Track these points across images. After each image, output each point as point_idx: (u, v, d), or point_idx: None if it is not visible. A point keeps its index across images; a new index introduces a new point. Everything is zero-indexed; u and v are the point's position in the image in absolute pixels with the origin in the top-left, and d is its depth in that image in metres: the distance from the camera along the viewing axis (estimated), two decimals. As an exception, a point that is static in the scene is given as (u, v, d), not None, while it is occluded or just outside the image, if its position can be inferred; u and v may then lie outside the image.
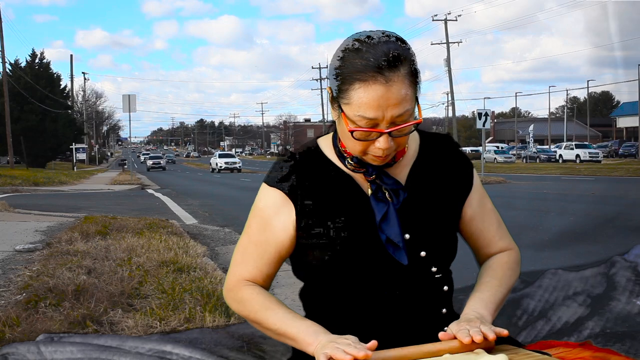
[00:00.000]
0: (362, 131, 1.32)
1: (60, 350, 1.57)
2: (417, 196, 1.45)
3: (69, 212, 10.39)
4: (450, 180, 1.50)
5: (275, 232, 1.44)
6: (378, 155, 1.36)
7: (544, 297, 2.19)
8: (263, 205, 1.46)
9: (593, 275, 2.25)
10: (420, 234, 1.42)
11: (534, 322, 2.06)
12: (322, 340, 1.28)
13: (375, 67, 1.28)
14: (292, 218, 1.43)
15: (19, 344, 1.62)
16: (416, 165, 1.49)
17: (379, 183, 1.43)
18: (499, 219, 1.58)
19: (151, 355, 1.62)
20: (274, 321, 1.38)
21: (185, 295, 3.44)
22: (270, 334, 1.42)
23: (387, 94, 1.28)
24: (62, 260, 4.58)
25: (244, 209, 11.67)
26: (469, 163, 1.55)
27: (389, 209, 1.41)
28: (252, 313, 1.43)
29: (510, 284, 1.51)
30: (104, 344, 1.65)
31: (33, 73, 44.97)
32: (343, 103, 1.34)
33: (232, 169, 44.88)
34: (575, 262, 2.46)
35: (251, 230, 1.48)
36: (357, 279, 1.40)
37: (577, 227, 7.82)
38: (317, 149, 1.50)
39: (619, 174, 25.46)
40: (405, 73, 1.30)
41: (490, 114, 24.43)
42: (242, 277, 1.47)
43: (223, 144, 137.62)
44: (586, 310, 2.06)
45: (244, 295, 1.45)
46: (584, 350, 1.37)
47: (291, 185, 1.43)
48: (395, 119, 1.31)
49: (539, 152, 53.05)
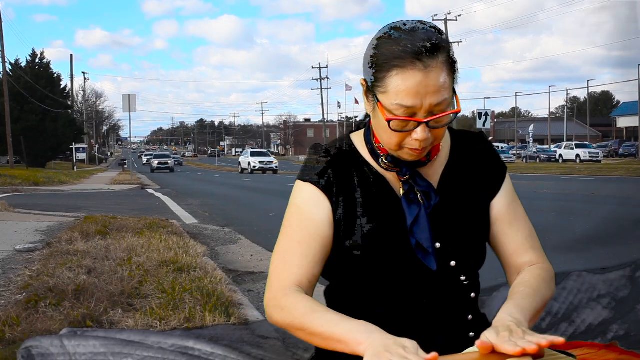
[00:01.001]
0: (400, 120, 1.27)
1: (84, 344, 1.57)
2: (449, 201, 1.41)
3: (69, 212, 10.40)
4: (481, 183, 1.45)
5: (318, 225, 1.38)
6: (415, 148, 1.31)
7: (568, 299, 2.18)
8: (300, 200, 1.41)
9: (618, 278, 2.23)
10: (451, 243, 1.38)
11: (558, 324, 2.05)
12: (375, 340, 1.15)
13: (413, 53, 1.24)
14: (330, 212, 1.39)
15: (42, 337, 1.62)
16: (448, 168, 1.44)
17: (411, 184, 1.39)
18: (531, 229, 1.48)
19: (173, 350, 1.62)
20: (321, 323, 1.26)
21: (185, 295, 3.44)
22: (316, 340, 1.29)
23: (426, 81, 1.24)
24: (62, 260, 4.58)
25: (244, 208, 11.76)
26: (502, 165, 1.49)
27: (420, 212, 1.37)
28: (297, 319, 1.30)
29: (547, 297, 1.39)
30: (126, 339, 1.65)
31: (33, 73, 44.99)
32: (379, 92, 1.29)
33: (266, 170, 38.87)
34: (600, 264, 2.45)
35: (291, 230, 1.40)
36: (383, 281, 1.38)
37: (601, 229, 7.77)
38: (351, 146, 1.45)
39: (619, 174, 25.47)
40: (443, 60, 1.26)
41: (490, 113, 24.45)
42: (286, 282, 1.36)
43: (223, 143, 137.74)
44: (610, 313, 2.04)
45: (288, 301, 1.33)
46: (610, 353, 1.35)
47: (326, 180, 1.40)
48: (434, 107, 1.26)
49: (539, 152, 53.09)
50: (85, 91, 75.07)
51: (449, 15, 49.55)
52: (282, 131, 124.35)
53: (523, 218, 1.48)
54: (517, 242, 1.44)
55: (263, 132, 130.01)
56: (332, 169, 1.41)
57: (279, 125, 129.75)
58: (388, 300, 1.37)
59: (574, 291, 2.22)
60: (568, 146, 49.45)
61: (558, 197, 13.97)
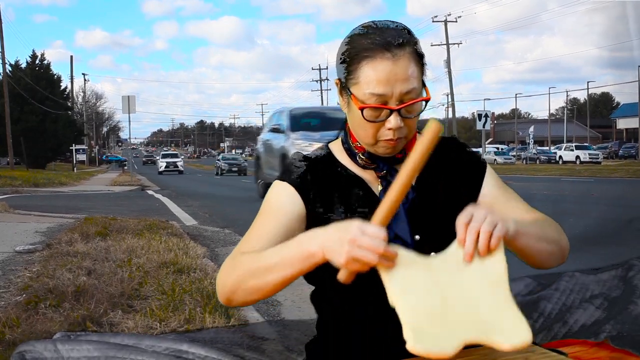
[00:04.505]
0: (372, 107, 1.33)
1: (77, 348, 1.58)
2: (426, 196, 1.44)
3: (69, 213, 10.39)
4: (459, 178, 1.48)
5: (286, 214, 1.40)
6: (389, 139, 1.36)
7: (560, 300, 2.19)
8: (273, 195, 1.45)
9: (610, 278, 2.25)
10: (430, 235, 1.41)
11: (551, 325, 2.06)
12: (325, 241, 1.18)
13: (382, 44, 1.32)
14: (302, 209, 1.42)
15: (36, 341, 1.63)
16: (424, 166, 1.48)
17: (389, 180, 1.43)
18: (530, 207, 1.51)
19: (167, 354, 1.63)
20: (269, 257, 1.26)
21: (185, 296, 3.44)
22: (273, 278, 1.26)
23: (395, 69, 1.31)
24: (62, 261, 4.58)
25: (244, 210, 11.74)
26: (479, 161, 1.53)
27: None
28: (247, 269, 1.29)
29: (550, 234, 1.39)
30: (120, 343, 1.66)
31: (33, 74, 45.01)
32: (352, 84, 1.36)
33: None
34: (593, 265, 2.46)
35: (259, 217, 1.43)
36: (364, 277, 1.39)
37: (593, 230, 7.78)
38: (329, 153, 1.52)
39: (619, 175, 25.46)
40: (411, 52, 1.34)
41: (490, 115, 24.46)
42: (239, 251, 1.37)
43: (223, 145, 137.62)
44: (603, 313, 2.05)
45: (238, 260, 1.33)
46: (601, 350, 1.36)
47: (302, 182, 1.44)
48: (404, 96, 1.33)
49: (539, 153, 53.09)
50: (85, 92, 75.15)
51: (449, 16, 49.55)
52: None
53: (518, 198, 1.51)
54: (518, 213, 1.46)
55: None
56: (309, 172, 1.46)
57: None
58: (370, 295, 1.38)
59: (566, 292, 2.23)
60: (568, 147, 49.48)
61: (557, 198, 13.97)
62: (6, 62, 38.59)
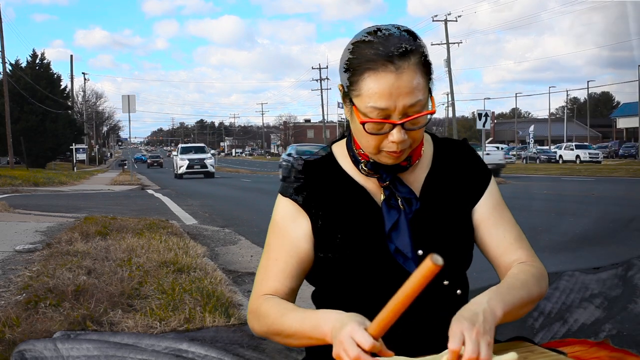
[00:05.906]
0: (374, 122, 1.29)
1: (77, 347, 1.58)
2: (431, 208, 1.41)
3: (69, 212, 10.40)
4: (464, 189, 1.45)
5: (295, 242, 1.42)
6: (392, 151, 1.32)
7: (560, 299, 2.19)
8: (279, 217, 1.45)
9: (610, 278, 2.24)
10: (434, 248, 1.36)
11: (551, 324, 2.06)
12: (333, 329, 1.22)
13: (385, 56, 1.26)
14: (308, 227, 1.42)
15: (36, 340, 1.63)
16: (431, 174, 1.45)
17: (392, 190, 1.40)
18: (519, 232, 1.46)
19: (167, 353, 1.63)
20: (290, 324, 1.31)
21: (185, 295, 3.44)
22: (294, 342, 1.34)
23: (398, 83, 1.26)
24: (62, 260, 4.58)
25: (244, 209, 11.75)
26: (485, 171, 1.49)
27: (400, 217, 1.38)
28: (272, 325, 1.35)
29: (534, 293, 1.35)
30: (120, 342, 1.66)
31: (33, 73, 45.02)
32: (354, 96, 1.31)
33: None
34: (593, 264, 2.46)
35: (270, 248, 1.45)
36: (364, 288, 1.39)
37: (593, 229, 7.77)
38: (332, 157, 1.48)
39: (619, 175, 25.46)
40: (416, 62, 1.28)
41: (490, 114, 24.43)
42: (262, 294, 1.41)
43: (223, 144, 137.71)
44: (603, 312, 2.05)
45: (263, 308, 1.38)
46: (600, 350, 1.36)
47: (305, 196, 1.42)
48: (408, 109, 1.27)
49: (539, 152, 53.07)
50: (85, 92, 75.09)
51: (449, 15, 49.52)
52: (282, 132, 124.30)
53: (510, 221, 1.47)
54: (505, 243, 1.43)
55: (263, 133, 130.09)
56: (311, 184, 1.43)
57: (279, 126, 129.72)
58: (371, 306, 1.36)
59: (566, 291, 2.22)
60: (568, 147, 49.46)
61: (557, 197, 13.97)
62: (6, 62, 38.60)
